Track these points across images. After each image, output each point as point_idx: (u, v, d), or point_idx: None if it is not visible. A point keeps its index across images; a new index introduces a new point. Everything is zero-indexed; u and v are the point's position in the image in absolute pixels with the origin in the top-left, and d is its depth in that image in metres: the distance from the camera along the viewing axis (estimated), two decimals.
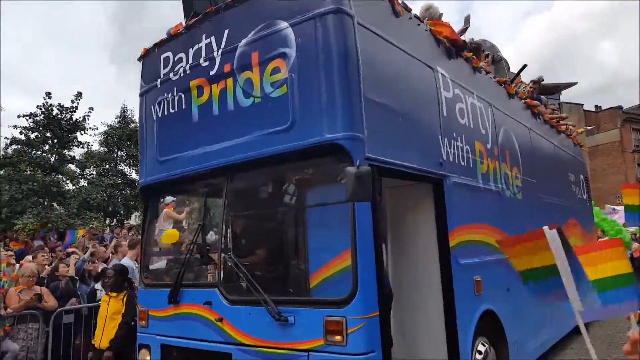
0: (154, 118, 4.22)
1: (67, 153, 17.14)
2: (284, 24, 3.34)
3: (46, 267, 6.66)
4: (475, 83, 5.25)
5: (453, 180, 4.28)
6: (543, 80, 7.72)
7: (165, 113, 4.10)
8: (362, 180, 2.75)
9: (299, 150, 3.17)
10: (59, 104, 16.31)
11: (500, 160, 5.43)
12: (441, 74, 4.43)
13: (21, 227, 12.40)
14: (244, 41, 3.55)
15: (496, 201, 5.21)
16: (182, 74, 3.99)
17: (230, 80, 3.61)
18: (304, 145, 3.14)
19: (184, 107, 3.94)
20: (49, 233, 13.00)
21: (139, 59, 4.49)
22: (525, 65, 7.23)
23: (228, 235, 3.69)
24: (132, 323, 4.36)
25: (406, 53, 3.91)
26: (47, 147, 16.65)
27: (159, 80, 4.21)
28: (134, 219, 18.53)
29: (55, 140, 16.59)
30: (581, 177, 9.65)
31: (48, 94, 16.23)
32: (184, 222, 5.48)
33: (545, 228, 2.43)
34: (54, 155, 16.72)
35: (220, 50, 3.70)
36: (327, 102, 3.09)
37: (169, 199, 4.94)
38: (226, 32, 3.70)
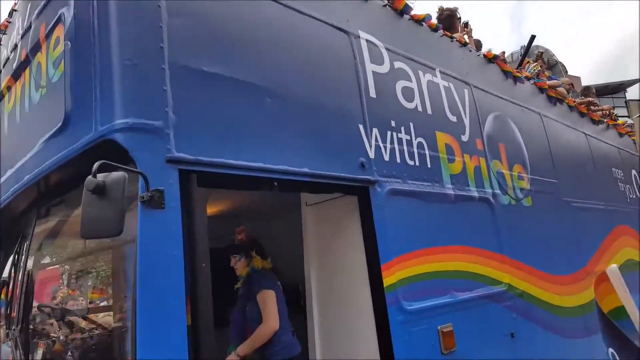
0: None
1: None
2: None
3: None
4: (440, 56, 3.91)
5: (390, 188, 2.95)
6: (543, 52, 6.19)
7: None
8: (105, 201, 1.55)
9: (74, 160, 2.01)
10: None
11: (488, 157, 4.00)
12: (366, 40, 3.15)
13: None
14: (35, 12, 2.49)
15: (483, 212, 3.77)
16: None
17: (27, 71, 2.55)
18: (76, 150, 1.99)
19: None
20: None
21: None
22: (533, 36, 5.74)
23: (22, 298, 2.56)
24: None
25: (289, 8, 2.69)
26: None
27: None
28: None
29: None
30: (633, 172, 7.81)
31: None
32: None
33: (608, 269, 2.53)
34: None
35: (21, 33, 2.67)
36: (101, 75, 1.93)
37: None
38: (29, 6, 2.66)
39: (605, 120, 7.16)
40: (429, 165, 3.34)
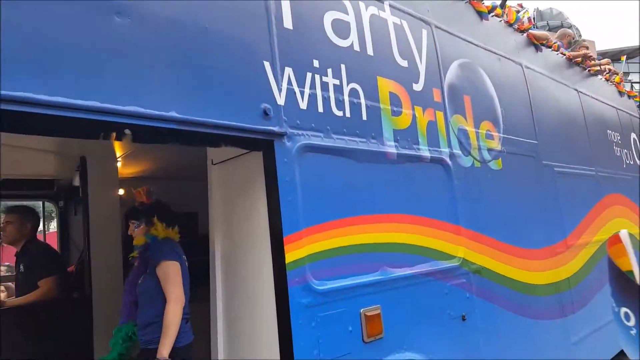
0: None
1: None
2: None
3: None
4: None
5: (304, 143, 2.40)
6: None
7: None
8: None
9: None
10: None
11: (448, 110, 3.42)
12: None
13: None
14: None
15: (436, 175, 3.22)
16: None
17: None
18: None
19: None
20: None
21: None
22: None
23: None
24: None
25: None
26: None
27: None
28: None
29: None
30: (633, 135, 7.18)
31: None
32: None
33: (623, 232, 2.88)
34: None
35: None
36: None
37: None
38: None
39: (602, 77, 6.48)
40: (364, 118, 2.77)
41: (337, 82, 2.64)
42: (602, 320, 4.67)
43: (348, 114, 2.67)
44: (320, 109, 2.53)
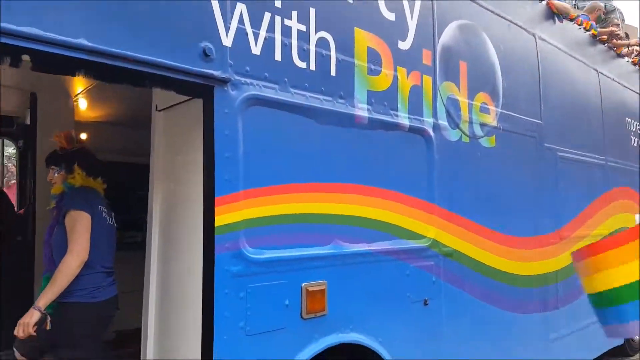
0: None
1: None
2: None
3: None
4: None
5: (252, 93, 2.12)
6: None
7: None
8: None
9: None
10: None
11: (438, 76, 3.07)
12: None
13: None
14: None
15: (414, 146, 2.92)
16: None
17: None
18: None
19: None
20: None
21: None
22: None
23: None
24: None
25: None
26: None
27: None
28: None
29: None
30: None
31: None
32: None
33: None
34: None
35: None
36: None
37: None
38: None
39: (630, 59, 5.97)
40: (332, 73, 2.46)
41: (302, 27, 2.32)
42: (586, 320, 4.41)
43: (312, 67, 2.36)
44: (278, 57, 2.23)
